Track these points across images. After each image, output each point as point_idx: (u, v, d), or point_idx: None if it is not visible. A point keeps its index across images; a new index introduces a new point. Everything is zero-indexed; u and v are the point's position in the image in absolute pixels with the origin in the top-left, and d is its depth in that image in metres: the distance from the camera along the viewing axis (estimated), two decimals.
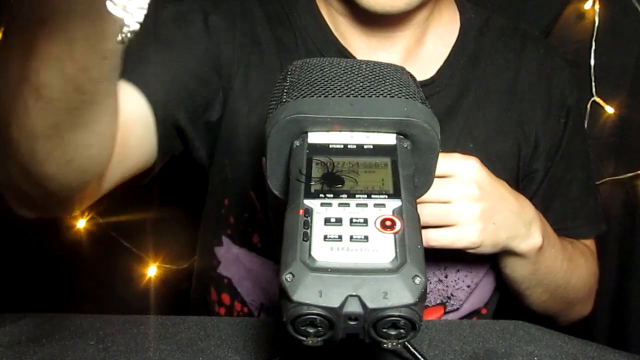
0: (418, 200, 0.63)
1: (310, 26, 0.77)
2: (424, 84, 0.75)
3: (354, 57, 0.75)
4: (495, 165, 0.76)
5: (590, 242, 0.88)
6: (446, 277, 0.78)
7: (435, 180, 0.64)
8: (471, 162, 0.65)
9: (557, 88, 0.82)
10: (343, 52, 0.75)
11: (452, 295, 0.79)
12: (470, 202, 0.64)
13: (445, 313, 0.80)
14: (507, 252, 0.71)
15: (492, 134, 0.78)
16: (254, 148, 0.75)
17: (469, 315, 0.82)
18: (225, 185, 0.79)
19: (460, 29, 0.80)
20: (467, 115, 0.77)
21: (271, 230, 0.77)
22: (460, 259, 0.76)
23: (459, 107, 0.77)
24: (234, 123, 0.75)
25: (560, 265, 0.77)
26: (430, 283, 0.78)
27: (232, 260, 0.81)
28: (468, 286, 0.79)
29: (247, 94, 0.74)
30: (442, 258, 0.77)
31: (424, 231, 0.64)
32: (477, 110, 0.77)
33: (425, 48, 0.78)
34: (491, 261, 0.78)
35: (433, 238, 0.64)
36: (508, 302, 0.86)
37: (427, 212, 0.63)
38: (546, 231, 0.73)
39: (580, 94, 1.00)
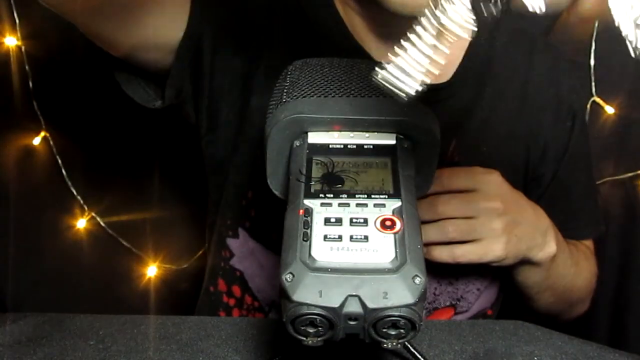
0: (443, 217, 0.64)
1: (327, 24, 0.75)
2: (441, 87, 0.75)
3: (371, 57, 0.74)
4: (506, 169, 0.76)
5: (589, 243, 0.89)
6: (456, 279, 0.78)
7: (460, 195, 0.65)
8: (494, 177, 0.66)
9: (565, 92, 0.82)
10: (360, 52, 0.74)
11: (462, 297, 0.79)
12: (495, 217, 0.65)
13: (455, 314, 0.80)
14: (523, 262, 0.71)
15: (503, 138, 0.78)
16: None
17: (475, 317, 0.82)
18: (253, 177, 0.78)
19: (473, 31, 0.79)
20: (481, 118, 0.77)
21: None
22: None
23: (474, 109, 0.77)
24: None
25: (568, 269, 0.78)
26: (441, 285, 0.78)
27: (247, 254, 0.80)
28: (478, 289, 0.80)
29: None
30: None
31: (450, 247, 0.65)
32: (490, 113, 0.77)
33: None
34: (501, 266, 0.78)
35: (460, 254, 0.65)
36: (510, 301, 0.86)
37: (453, 228, 0.64)
38: (558, 238, 0.73)
39: (585, 97, 1.00)
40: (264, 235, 0.78)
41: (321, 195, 0.38)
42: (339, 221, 0.36)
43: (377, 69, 0.32)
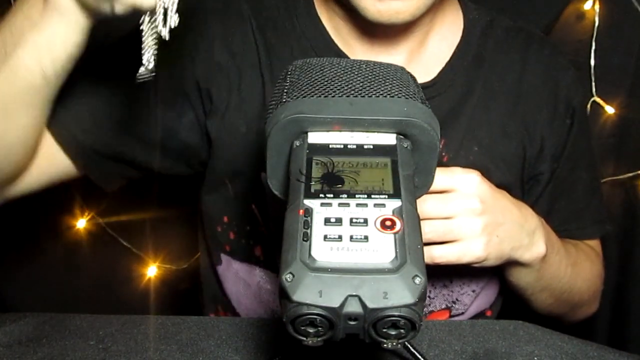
0: (421, 217, 0.64)
1: (310, 32, 0.75)
2: (428, 85, 0.74)
3: None
4: (501, 167, 0.75)
5: (594, 243, 0.87)
6: (451, 282, 0.78)
7: (437, 195, 0.64)
8: (472, 176, 0.65)
9: (562, 89, 0.81)
10: (343, 57, 0.74)
11: (457, 300, 0.79)
12: (473, 217, 0.64)
13: (451, 317, 0.80)
14: (511, 262, 0.70)
15: (497, 136, 0.77)
16: (255, 164, 0.74)
17: (474, 318, 0.82)
18: (227, 203, 0.78)
19: (464, 29, 0.78)
20: (472, 116, 0.76)
21: (273, 241, 0.77)
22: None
23: (463, 108, 0.76)
24: (232, 142, 0.74)
25: (564, 270, 0.76)
26: (435, 288, 0.77)
27: (231, 277, 0.81)
28: (473, 291, 0.79)
29: (244, 112, 0.73)
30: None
31: (428, 248, 0.64)
32: (481, 112, 0.76)
33: (429, 49, 0.77)
34: (495, 267, 0.77)
35: (438, 255, 0.64)
36: (510, 301, 0.86)
37: (430, 228, 0.63)
38: (550, 238, 0.72)
39: (584, 94, 0.99)
40: (246, 253, 0.79)
41: (321, 195, 0.38)
42: (339, 221, 0.36)
43: None
